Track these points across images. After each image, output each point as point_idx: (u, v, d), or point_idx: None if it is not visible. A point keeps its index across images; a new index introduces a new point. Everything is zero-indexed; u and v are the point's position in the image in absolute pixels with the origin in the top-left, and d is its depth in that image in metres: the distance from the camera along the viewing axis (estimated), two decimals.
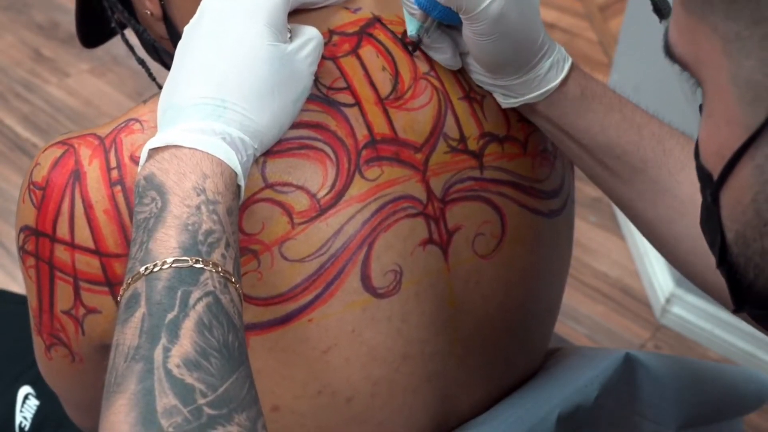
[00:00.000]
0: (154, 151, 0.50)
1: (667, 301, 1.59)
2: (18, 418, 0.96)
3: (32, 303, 0.59)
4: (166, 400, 0.41)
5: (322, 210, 0.55)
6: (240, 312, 0.47)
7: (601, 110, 0.61)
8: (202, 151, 0.49)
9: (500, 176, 0.61)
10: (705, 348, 1.55)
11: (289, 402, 0.58)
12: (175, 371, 0.42)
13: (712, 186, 0.39)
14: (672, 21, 0.39)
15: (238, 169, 0.50)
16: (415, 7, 0.59)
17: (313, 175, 0.55)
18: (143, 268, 0.45)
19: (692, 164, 0.60)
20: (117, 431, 0.41)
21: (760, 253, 0.37)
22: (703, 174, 0.40)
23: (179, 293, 0.44)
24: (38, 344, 0.62)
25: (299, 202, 0.55)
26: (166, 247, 0.46)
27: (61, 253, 0.55)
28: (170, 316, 0.44)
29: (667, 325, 1.60)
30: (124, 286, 0.46)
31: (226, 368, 0.44)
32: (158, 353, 0.43)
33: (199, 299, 0.44)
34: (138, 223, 0.48)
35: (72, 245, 0.55)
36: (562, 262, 0.71)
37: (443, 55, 0.60)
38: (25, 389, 0.97)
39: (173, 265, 0.45)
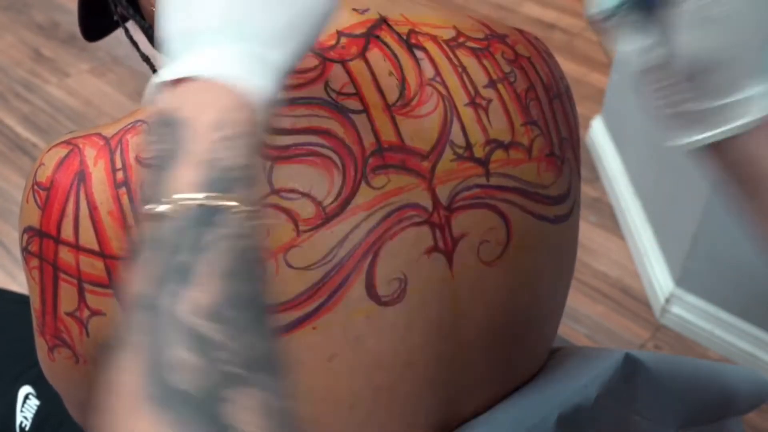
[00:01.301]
0: (167, 85, 0.44)
1: (667, 301, 1.60)
2: (18, 418, 0.96)
3: (35, 304, 0.59)
4: (176, 352, 0.36)
5: (327, 218, 0.55)
6: (261, 257, 0.42)
7: None
8: (221, 83, 0.43)
9: (506, 183, 0.61)
10: (705, 348, 1.55)
11: None
12: (188, 320, 0.37)
13: None
14: None
15: (261, 99, 0.44)
16: None
17: (319, 182, 0.55)
18: (154, 207, 0.40)
19: None
20: (120, 388, 0.36)
21: None
22: None
23: (193, 234, 0.39)
24: (41, 345, 0.62)
25: (305, 209, 0.55)
26: (182, 184, 0.40)
27: (66, 255, 0.55)
28: (182, 258, 0.38)
29: (667, 325, 1.60)
30: (134, 230, 0.43)
31: (244, 321, 0.38)
32: (168, 300, 0.37)
33: (215, 241, 0.39)
34: (149, 162, 0.42)
35: (76, 247, 0.55)
36: (566, 267, 0.71)
37: (630, 44, 0.54)
38: (25, 389, 0.98)
39: (188, 203, 0.39)
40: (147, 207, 0.40)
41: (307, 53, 0.49)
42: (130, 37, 0.75)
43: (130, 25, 0.75)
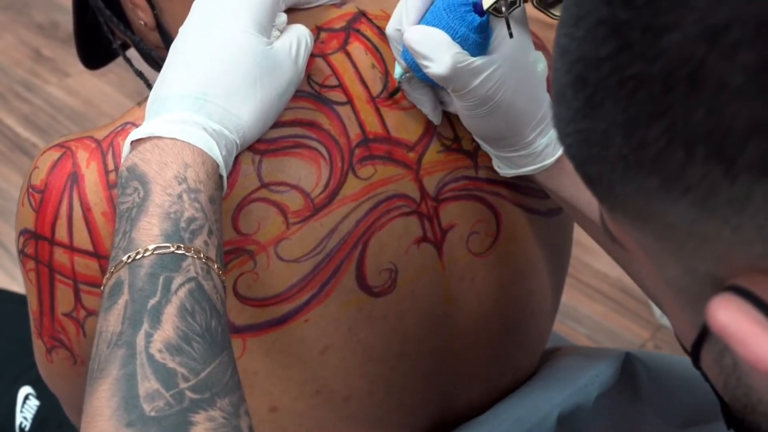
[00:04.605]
0: (136, 143, 0.50)
1: None
2: (18, 419, 0.96)
3: (33, 306, 0.59)
4: (148, 384, 0.41)
5: (316, 209, 0.55)
6: (223, 298, 0.47)
7: None
8: (183, 141, 0.49)
9: (495, 176, 0.61)
10: None
11: (287, 403, 0.58)
12: (157, 356, 0.42)
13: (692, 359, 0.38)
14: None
15: (219, 160, 0.50)
16: (400, 57, 0.57)
17: (307, 174, 0.55)
18: (126, 256, 0.46)
19: None
20: (100, 415, 0.41)
21: (756, 424, 0.36)
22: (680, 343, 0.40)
23: (161, 279, 0.45)
24: (38, 347, 0.62)
25: (294, 201, 0.55)
26: (149, 235, 0.46)
27: (61, 256, 0.56)
28: (152, 301, 0.44)
29: (667, 325, 1.60)
30: (108, 275, 0.46)
31: (208, 353, 0.44)
32: (140, 338, 0.43)
33: (182, 285, 0.45)
34: (121, 213, 0.48)
35: (71, 248, 0.55)
36: (561, 261, 0.71)
37: (422, 107, 0.59)
38: (25, 389, 0.98)
39: (155, 252, 0.45)
40: (124, 257, 0.45)
41: (272, 119, 0.54)
42: (124, 55, 0.77)
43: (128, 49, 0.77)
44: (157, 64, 0.74)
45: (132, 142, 0.50)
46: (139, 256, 0.45)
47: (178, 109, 0.50)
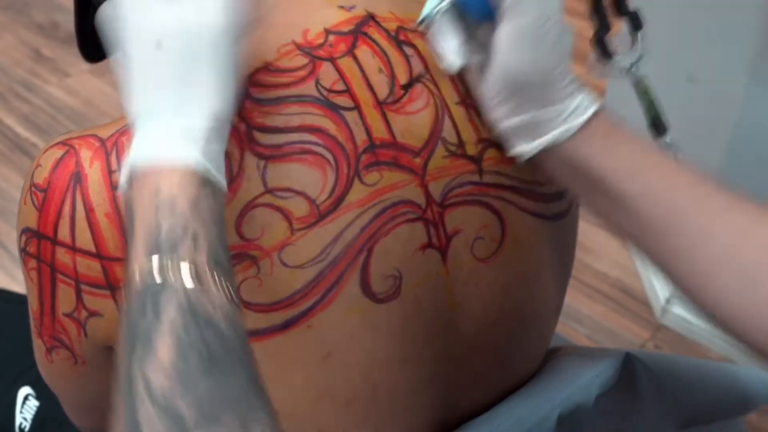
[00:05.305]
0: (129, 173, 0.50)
1: (667, 301, 1.60)
2: (18, 419, 0.96)
3: (33, 305, 0.59)
4: (145, 408, 0.41)
5: (321, 216, 0.55)
6: (221, 302, 0.46)
7: (634, 151, 0.57)
8: (156, 156, 0.48)
9: (500, 181, 0.61)
10: (705, 348, 1.55)
11: (289, 408, 0.58)
12: (155, 378, 0.42)
13: None
14: None
15: (196, 157, 0.49)
16: None
17: (312, 180, 0.55)
18: (124, 283, 0.46)
19: (731, 212, 0.56)
20: None
21: None
22: None
23: (149, 300, 0.44)
24: (39, 347, 0.62)
25: (299, 207, 0.55)
26: (137, 257, 0.46)
27: (63, 256, 0.55)
28: (145, 323, 0.43)
29: (667, 325, 1.60)
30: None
31: (202, 368, 0.43)
32: (137, 364, 0.42)
33: (170, 299, 0.44)
34: (126, 239, 0.49)
35: (73, 248, 0.55)
36: (564, 264, 0.71)
37: (446, 44, 0.58)
38: (25, 390, 0.97)
39: (142, 274, 0.45)
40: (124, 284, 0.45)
41: (240, 91, 0.53)
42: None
43: None
44: None
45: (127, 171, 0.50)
46: (130, 281, 0.45)
47: (145, 126, 0.50)
